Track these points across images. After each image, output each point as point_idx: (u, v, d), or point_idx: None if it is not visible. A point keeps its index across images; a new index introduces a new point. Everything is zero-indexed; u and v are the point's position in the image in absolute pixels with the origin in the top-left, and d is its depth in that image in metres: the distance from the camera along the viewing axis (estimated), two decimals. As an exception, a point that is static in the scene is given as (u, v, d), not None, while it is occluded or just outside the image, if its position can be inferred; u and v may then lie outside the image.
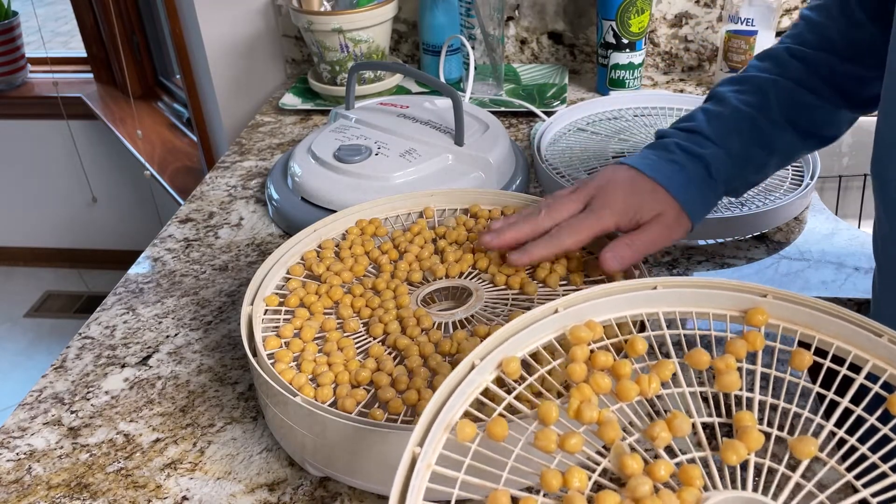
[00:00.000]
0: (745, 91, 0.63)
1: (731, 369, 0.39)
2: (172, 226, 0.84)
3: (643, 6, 1.01)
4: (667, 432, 0.36)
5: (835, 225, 0.78)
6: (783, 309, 0.42)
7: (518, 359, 0.40)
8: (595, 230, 0.56)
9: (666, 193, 0.58)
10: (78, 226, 2.37)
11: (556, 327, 0.42)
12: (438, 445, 0.35)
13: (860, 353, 0.40)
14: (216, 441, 0.56)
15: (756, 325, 0.42)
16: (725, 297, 0.43)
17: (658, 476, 0.34)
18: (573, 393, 0.38)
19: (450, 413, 0.37)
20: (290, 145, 1.01)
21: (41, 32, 2.14)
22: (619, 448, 0.36)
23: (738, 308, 0.43)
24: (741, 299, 0.42)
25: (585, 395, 0.38)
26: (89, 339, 0.67)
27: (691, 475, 0.35)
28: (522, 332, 0.41)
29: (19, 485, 0.53)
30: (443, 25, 1.10)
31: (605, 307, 0.43)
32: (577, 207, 0.58)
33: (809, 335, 0.41)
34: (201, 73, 1.31)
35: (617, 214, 0.57)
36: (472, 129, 0.83)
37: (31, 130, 2.19)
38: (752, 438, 0.36)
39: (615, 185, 0.58)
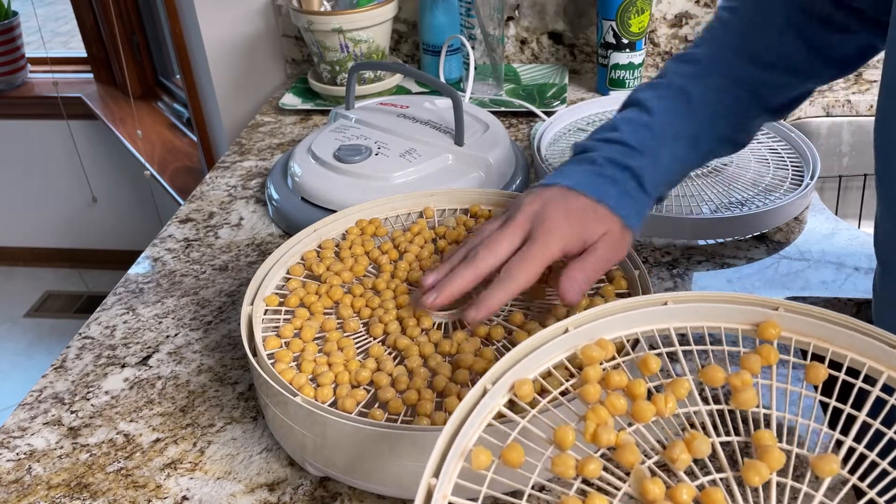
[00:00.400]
0: (666, 98, 0.61)
1: (748, 386, 0.39)
2: (172, 226, 0.84)
3: (643, 6, 1.01)
4: (686, 454, 0.36)
5: (835, 225, 0.78)
6: (795, 321, 0.41)
7: (530, 381, 0.39)
8: (544, 262, 0.52)
9: (606, 210, 0.55)
10: (78, 226, 2.37)
11: (567, 346, 0.41)
12: (454, 475, 0.35)
13: (874, 364, 0.39)
14: (216, 441, 0.56)
15: (768, 338, 0.41)
16: (736, 310, 0.42)
17: (681, 500, 0.34)
18: (589, 415, 0.37)
19: (464, 440, 0.36)
20: (290, 145, 1.01)
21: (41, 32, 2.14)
22: (640, 472, 0.35)
23: (749, 322, 0.42)
24: (752, 313, 0.42)
25: (602, 418, 0.37)
26: (89, 339, 0.67)
27: (714, 498, 0.34)
28: (533, 353, 0.40)
29: (19, 485, 0.53)
30: (443, 25, 1.10)
31: (615, 325, 0.43)
32: (517, 241, 0.54)
33: (823, 347, 0.41)
34: (201, 73, 1.31)
35: (563, 240, 0.53)
36: (472, 129, 0.83)
37: (31, 130, 2.19)
38: (774, 458, 0.35)
39: (552, 208, 0.54)
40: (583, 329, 0.42)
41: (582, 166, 0.58)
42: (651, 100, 0.60)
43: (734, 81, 0.61)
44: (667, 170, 0.59)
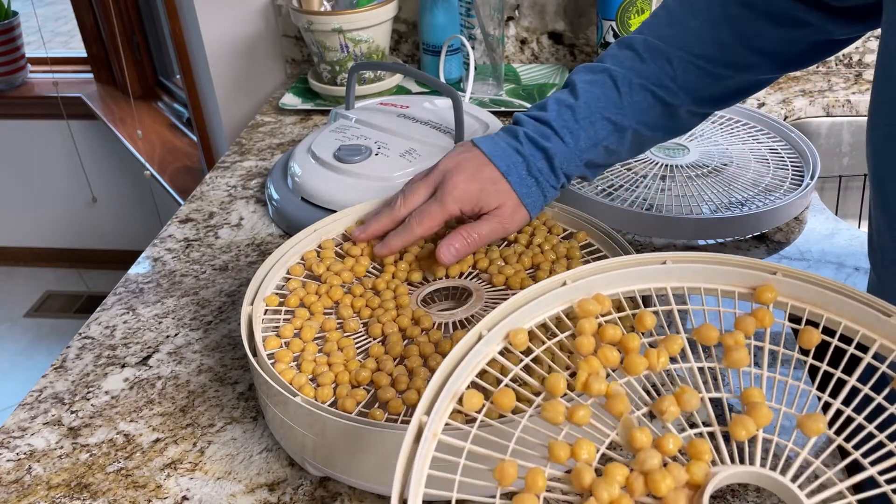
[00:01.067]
0: (597, 83, 0.63)
1: (741, 346, 0.39)
2: (172, 226, 0.84)
3: (643, 6, 1.01)
4: (675, 406, 0.36)
5: (835, 225, 0.78)
6: (792, 286, 0.42)
7: (525, 330, 0.40)
8: (441, 218, 0.60)
9: (507, 184, 0.60)
10: (78, 226, 2.37)
11: (563, 300, 0.42)
12: (445, 415, 0.36)
13: (868, 332, 0.39)
14: (216, 441, 0.56)
15: (765, 302, 0.42)
16: (735, 273, 0.43)
17: (666, 450, 0.34)
18: (581, 365, 0.38)
19: (456, 383, 0.37)
20: (290, 145, 1.01)
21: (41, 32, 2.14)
22: (628, 421, 0.36)
23: (746, 285, 0.42)
24: (750, 276, 0.42)
25: (594, 368, 0.38)
26: (89, 339, 0.67)
27: (700, 449, 0.35)
28: (530, 303, 0.41)
29: (19, 485, 0.53)
30: (443, 25, 1.10)
31: (613, 280, 0.43)
32: (427, 193, 0.61)
33: (818, 313, 0.41)
34: (201, 73, 1.31)
35: (459, 202, 0.60)
36: (472, 129, 0.83)
37: (31, 130, 2.19)
38: (761, 414, 0.36)
39: (460, 170, 0.60)
40: (580, 283, 0.42)
41: (506, 138, 0.62)
42: (581, 83, 0.63)
43: (668, 73, 0.62)
44: (585, 151, 0.62)
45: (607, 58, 0.64)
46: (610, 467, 0.33)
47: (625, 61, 0.63)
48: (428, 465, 0.33)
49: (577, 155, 0.62)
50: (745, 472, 0.35)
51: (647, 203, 0.78)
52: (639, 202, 0.78)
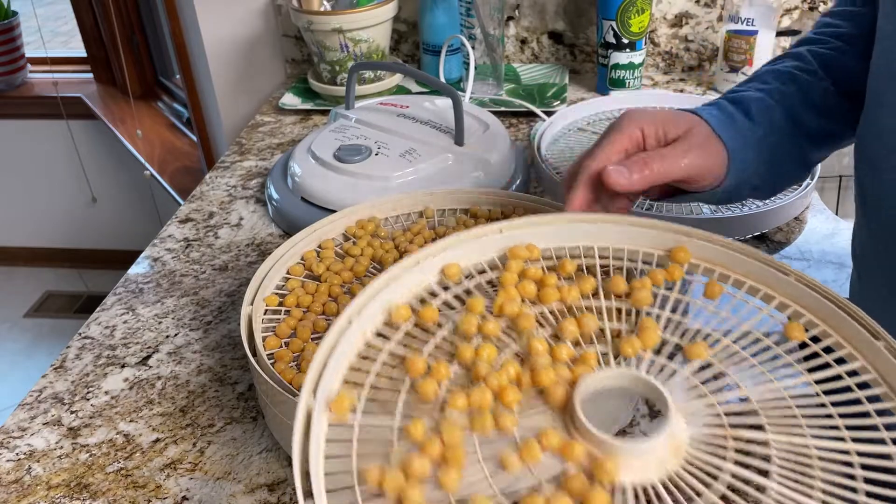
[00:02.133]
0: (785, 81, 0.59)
1: (646, 288, 0.43)
2: (172, 226, 0.84)
3: (643, 6, 1.01)
4: (575, 327, 0.41)
5: (835, 225, 0.78)
6: (703, 248, 0.45)
7: (458, 265, 0.43)
8: (619, 144, 0.51)
9: (696, 116, 0.53)
10: (78, 226, 2.37)
11: (498, 247, 0.45)
12: (374, 320, 0.39)
13: (769, 290, 0.44)
14: (216, 441, 0.56)
15: (679, 261, 0.45)
16: (657, 235, 0.46)
17: (558, 356, 0.39)
18: (500, 293, 0.42)
19: (392, 294, 0.40)
20: (290, 145, 1.01)
21: (41, 32, 2.14)
22: (530, 333, 0.40)
23: (665, 247, 0.46)
24: (670, 238, 0.46)
25: (511, 295, 0.42)
26: (89, 339, 0.67)
27: (588, 357, 0.39)
28: (466, 244, 0.45)
29: (19, 485, 0.53)
30: (443, 25, 1.10)
31: (547, 234, 0.46)
32: None
33: (726, 274, 0.45)
34: (201, 73, 1.31)
35: (638, 122, 0.51)
36: (472, 129, 0.83)
37: (31, 130, 2.19)
38: (650, 337, 0.40)
39: (638, 110, 0.53)
40: (516, 233, 0.45)
41: None
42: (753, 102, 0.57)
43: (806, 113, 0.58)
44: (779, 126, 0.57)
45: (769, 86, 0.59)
46: (505, 363, 0.38)
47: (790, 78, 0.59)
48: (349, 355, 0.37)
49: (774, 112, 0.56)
50: (617, 374, 0.38)
51: (647, 203, 0.78)
52: (639, 202, 0.78)
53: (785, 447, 0.35)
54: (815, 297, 0.42)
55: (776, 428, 0.37)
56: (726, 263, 0.45)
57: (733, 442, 0.35)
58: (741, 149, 0.54)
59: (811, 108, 0.57)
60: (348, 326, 0.37)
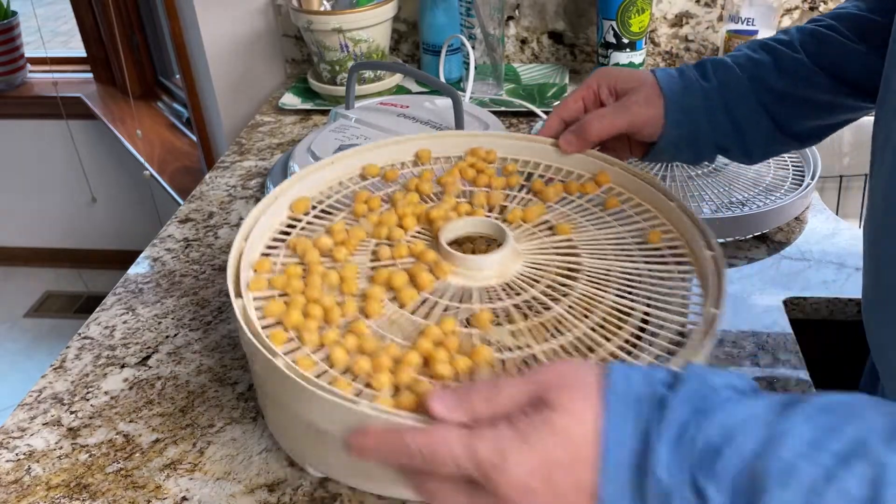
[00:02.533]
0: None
1: (556, 190, 0.59)
2: (172, 226, 0.84)
3: (643, 6, 1.01)
4: (484, 199, 0.58)
5: (835, 225, 0.78)
6: (619, 175, 0.59)
7: (430, 151, 0.62)
8: (579, 93, 0.62)
9: (648, 73, 0.61)
10: (78, 226, 2.37)
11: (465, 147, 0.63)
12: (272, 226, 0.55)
13: (654, 211, 0.56)
14: (216, 441, 0.56)
15: (599, 182, 0.59)
16: (590, 162, 0.60)
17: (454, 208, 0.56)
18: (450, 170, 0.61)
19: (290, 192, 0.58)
20: (289, 145, 1.00)
21: (41, 32, 2.13)
22: (450, 193, 0.58)
23: (593, 171, 0.60)
24: (598, 165, 0.60)
25: (454, 173, 0.60)
26: (89, 340, 0.67)
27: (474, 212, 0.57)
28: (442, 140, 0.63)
29: (19, 485, 0.53)
30: (443, 25, 1.10)
31: (505, 146, 0.63)
32: None
33: (630, 197, 0.58)
34: (201, 73, 1.31)
35: (598, 75, 0.62)
36: (472, 129, 0.83)
37: (31, 130, 2.19)
38: (532, 212, 0.57)
39: (604, 69, 0.63)
40: (482, 139, 0.63)
41: None
42: None
43: None
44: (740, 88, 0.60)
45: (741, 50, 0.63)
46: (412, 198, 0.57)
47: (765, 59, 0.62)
48: None
49: (735, 77, 0.60)
50: (475, 220, 0.54)
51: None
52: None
53: (593, 265, 0.52)
54: (679, 215, 0.54)
55: (589, 255, 0.53)
56: (632, 189, 0.57)
57: (557, 259, 0.52)
58: (679, 97, 0.59)
59: (779, 72, 0.59)
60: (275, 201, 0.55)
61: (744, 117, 0.60)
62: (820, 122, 0.62)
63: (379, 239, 0.52)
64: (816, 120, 0.62)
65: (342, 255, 0.51)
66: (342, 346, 0.43)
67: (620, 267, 0.51)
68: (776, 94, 0.60)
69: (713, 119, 0.60)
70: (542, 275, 0.50)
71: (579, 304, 0.48)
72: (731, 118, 0.60)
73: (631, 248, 0.53)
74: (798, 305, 0.69)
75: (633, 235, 0.53)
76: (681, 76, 0.60)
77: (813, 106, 0.60)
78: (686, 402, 0.34)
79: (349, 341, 0.44)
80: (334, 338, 0.45)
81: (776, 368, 0.60)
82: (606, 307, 0.48)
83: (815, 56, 0.59)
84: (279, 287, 0.49)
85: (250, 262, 0.51)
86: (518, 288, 0.49)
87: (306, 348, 0.44)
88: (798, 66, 0.59)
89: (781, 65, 0.60)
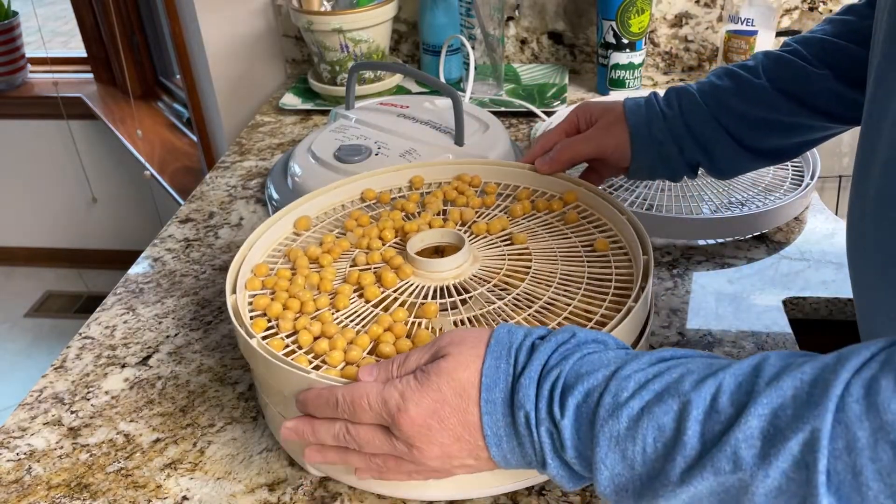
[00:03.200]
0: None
1: (524, 206, 0.64)
2: (172, 226, 0.84)
3: (643, 6, 1.01)
4: (458, 215, 0.64)
5: (835, 225, 0.78)
6: (586, 196, 0.64)
7: (423, 178, 0.69)
8: (561, 127, 0.67)
9: (619, 104, 0.66)
10: (78, 226, 2.37)
11: (453, 172, 0.70)
12: None
13: (609, 223, 0.62)
14: (216, 441, 0.56)
15: (566, 200, 0.64)
16: (560, 184, 0.66)
17: (429, 223, 0.63)
18: (434, 192, 0.67)
19: None
20: (290, 145, 1.01)
21: (41, 32, 2.13)
22: (432, 211, 0.64)
23: (562, 191, 0.66)
24: (567, 186, 0.66)
25: (437, 195, 0.67)
26: (89, 339, 0.67)
27: (439, 225, 0.63)
28: (433, 168, 0.70)
29: (19, 485, 0.53)
30: (443, 25, 1.10)
31: (490, 172, 0.69)
32: None
33: (590, 213, 0.63)
34: (201, 73, 1.31)
35: (580, 112, 0.67)
36: (472, 129, 0.83)
37: (31, 130, 2.19)
38: (495, 225, 0.62)
39: (585, 103, 0.69)
40: (470, 167, 0.70)
41: None
42: None
43: None
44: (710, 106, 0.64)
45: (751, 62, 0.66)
46: (394, 214, 0.64)
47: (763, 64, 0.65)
48: None
49: (699, 102, 0.64)
50: (439, 231, 0.61)
51: (647, 203, 0.78)
52: (639, 202, 0.78)
53: (541, 268, 0.57)
54: (630, 231, 0.58)
55: (540, 261, 0.58)
56: (594, 205, 0.63)
57: (510, 264, 0.58)
58: (644, 126, 0.65)
59: (739, 96, 0.63)
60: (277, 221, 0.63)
61: (707, 139, 0.64)
62: (786, 141, 0.65)
63: (360, 248, 0.61)
64: (781, 139, 0.64)
65: (326, 261, 0.59)
66: (309, 331, 0.52)
67: (565, 270, 0.57)
68: (736, 115, 0.63)
69: (679, 142, 0.65)
70: (492, 276, 0.57)
71: (520, 299, 0.54)
72: (696, 140, 0.65)
73: (580, 254, 0.58)
74: (797, 305, 0.69)
75: (584, 244, 0.60)
76: (647, 106, 0.65)
77: (774, 126, 0.63)
78: (551, 349, 0.41)
79: (315, 327, 0.52)
80: (303, 324, 0.53)
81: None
82: (543, 302, 0.54)
83: (775, 80, 0.63)
84: (269, 286, 0.57)
85: (251, 266, 0.59)
86: (469, 286, 0.56)
87: (282, 333, 0.53)
88: (758, 91, 0.63)
89: (742, 89, 0.63)
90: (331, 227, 0.66)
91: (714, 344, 0.63)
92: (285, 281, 0.57)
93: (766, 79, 0.63)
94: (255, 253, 0.60)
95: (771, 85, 0.62)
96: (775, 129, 0.64)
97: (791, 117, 0.63)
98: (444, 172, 0.70)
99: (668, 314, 0.66)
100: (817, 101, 0.61)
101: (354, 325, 0.53)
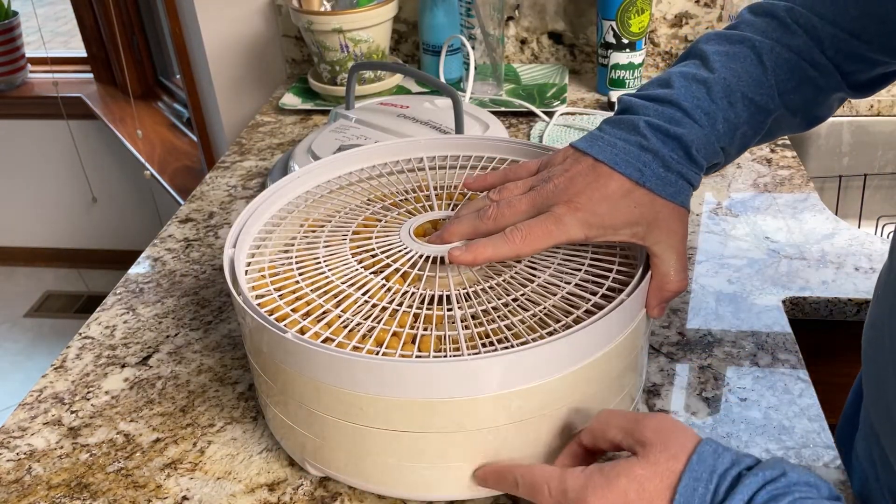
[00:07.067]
0: (736, 56, 0.51)
1: None
2: (172, 226, 0.84)
3: (643, 6, 1.01)
4: None
5: (835, 225, 0.78)
6: None
7: None
8: (559, 241, 0.48)
9: (645, 192, 0.48)
10: (78, 226, 2.37)
11: None
12: None
13: None
14: (216, 441, 0.56)
15: None
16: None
17: None
18: None
19: None
20: (290, 145, 1.01)
21: (41, 32, 2.13)
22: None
23: None
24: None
25: None
26: (89, 339, 0.67)
27: None
28: None
29: (19, 485, 0.53)
30: (443, 25, 1.10)
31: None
32: (529, 213, 0.49)
33: None
34: (201, 73, 1.31)
35: (587, 227, 0.48)
36: (472, 129, 0.83)
37: (31, 130, 2.19)
38: None
39: (583, 188, 0.48)
40: None
41: (622, 132, 0.49)
42: (714, 54, 0.51)
43: (819, 48, 0.52)
44: (722, 136, 0.50)
45: (745, 25, 0.53)
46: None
47: (769, 31, 0.52)
48: None
49: (714, 140, 0.50)
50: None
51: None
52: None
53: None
54: None
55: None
56: None
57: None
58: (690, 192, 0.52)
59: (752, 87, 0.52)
60: None
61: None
62: None
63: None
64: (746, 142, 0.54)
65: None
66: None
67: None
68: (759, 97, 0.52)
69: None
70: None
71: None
72: None
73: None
74: (797, 305, 0.69)
75: None
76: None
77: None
78: (758, 485, 0.36)
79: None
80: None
81: (775, 368, 0.60)
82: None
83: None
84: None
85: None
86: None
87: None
88: None
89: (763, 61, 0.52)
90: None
91: (714, 344, 0.63)
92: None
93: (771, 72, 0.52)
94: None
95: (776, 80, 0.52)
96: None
97: None
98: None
99: (669, 314, 0.66)
100: None
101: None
